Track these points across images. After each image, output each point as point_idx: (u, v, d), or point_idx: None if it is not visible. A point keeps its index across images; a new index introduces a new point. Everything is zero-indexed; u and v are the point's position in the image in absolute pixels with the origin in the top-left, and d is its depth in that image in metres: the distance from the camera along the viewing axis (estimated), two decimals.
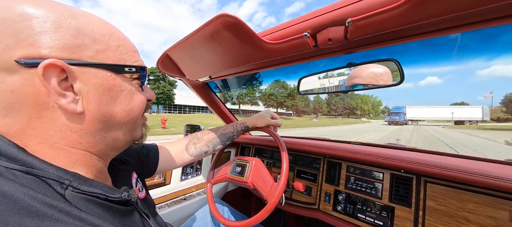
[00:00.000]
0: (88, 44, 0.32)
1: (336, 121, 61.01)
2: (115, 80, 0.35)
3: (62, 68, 0.29)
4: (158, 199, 1.03)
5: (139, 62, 0.40)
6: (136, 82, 0.39)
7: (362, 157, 0.85)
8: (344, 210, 0.89)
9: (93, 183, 0.34)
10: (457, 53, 20.24)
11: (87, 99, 0.33)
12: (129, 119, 0.39)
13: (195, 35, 0.58)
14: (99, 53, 0.33)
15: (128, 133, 0.41)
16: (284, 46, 0.55)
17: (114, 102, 0.36)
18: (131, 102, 0.38)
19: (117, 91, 0.36)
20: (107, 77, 0.34)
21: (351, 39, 0.46)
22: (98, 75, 0.33)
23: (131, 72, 0.38)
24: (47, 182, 0.29)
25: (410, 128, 30.47)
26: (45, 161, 0.31)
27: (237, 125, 0.91)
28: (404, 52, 0.54)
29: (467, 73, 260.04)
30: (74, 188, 0.30)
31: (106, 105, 0.35)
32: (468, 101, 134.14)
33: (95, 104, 0.34)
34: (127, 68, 0.37)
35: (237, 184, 0.90)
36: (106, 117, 0.35)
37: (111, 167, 0.45)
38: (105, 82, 0.34)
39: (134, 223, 0.38)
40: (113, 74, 0.35)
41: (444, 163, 0.68)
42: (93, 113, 0.34)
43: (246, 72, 0.82)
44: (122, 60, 0.37)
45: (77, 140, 0.33)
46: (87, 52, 0.32)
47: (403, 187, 0.78)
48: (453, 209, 0.67)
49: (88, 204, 0.31)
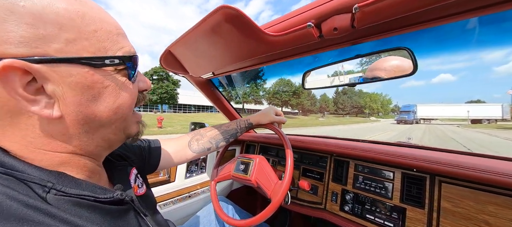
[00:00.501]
0: (54, 33, 0.25)
1: (343, 120, 59.61)
2: (94, 76, 0.29)
3: (23, 69, 0.24)
4: (163, 197, 1.03)
5: (125, 48, 0.33)
6: (123, 73, 0.33)
7: (371, 155, 0.81)
8: (351, 211, 0.85)
9: (81, 184, 0.32)
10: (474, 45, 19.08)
11: (64, 101, 0.28)
12: (118, 118, 0.34)
13: (196, 29, 0.57)
14: (70, 44, 0.27)
15: (119, 132, 0.37)
16: (288, 38, 0.53)
17: (97, 101, 0.31)
18: (117, 98, 0.33)
19: (99, 89, 0.30)
20: (84, 74, 0.28)
21: (358, 27, 0.43)
22: (72, 72, 0.27)
23: (114, 64, 0.31)
24: (28, 185, 0.27)
25: (422, 127, 29.26)
26: (27, 162, 0.28)
27: (240, 122, 0.89)
28: (415, 41, 0.50)
29: (483, 69, 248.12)
30: (58, 191, 0.28)
31: (87, 105, 0.30)
32: (484, 99, 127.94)
33: (74, 106, 0.29)
34: (108, 60, 0.30)
35: (241, 182, 0.89)
36: (90, 119, 0.31)
37: (107, 163, 0.44)
38: (82, 79, 0.28)
39: (128, 224, 0.36)
40: (91, 69, 0.29)
41: (461, 161, 0.63)
42: (74, 116, 0.29)
43: (249, 67, 0.81)
44: (102, 50, 0.30)
45: (61, 144, 0.30)
46: (53, 44, 0.25)
47: (415, 187, 0.74)
48: (471, 211, 0.62)
49: (74, 207, 0.29)
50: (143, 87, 0.40)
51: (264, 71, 1.27)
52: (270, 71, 1.21)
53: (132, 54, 0.34)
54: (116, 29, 0.33)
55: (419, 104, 50.72)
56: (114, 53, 0.32)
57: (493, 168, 0.58)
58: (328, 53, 0.69)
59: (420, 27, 0.44)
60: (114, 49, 0.32)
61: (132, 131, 0.40)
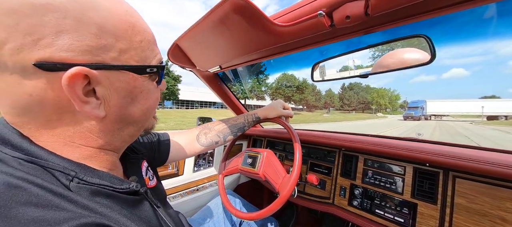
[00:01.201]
0: (111, 44, 0.29)
1: (348, 116, 58.28)
2: (136, 81, 0.33)
3: (85, 75, 0.27)
4: (171, 190, 1.05)
5: (157, 56, 0.37)
6: (154, 78, 0.37)
7: (381, 149, 0.79)
8: (360, 205, 0.84)
9: (101, 174, 0.33)
10: (490, 36, 17.93)
11: (109, 103, 0.31)
12: (146, 118, 0.38)
13: (204, 21, 0.57)
14: (122, 54, 0.30)
15: (141, 128, 0.40)
16: (297, 28, 0.51)
17: (133, 103, 0.34)
18: (148, 101, 0.37)
19: (138, 92, 0.34)
20: (129, 80, 0.32)
21: (372, 15, 0.41)
22: (121, 78, 0.31)
23: (151, 72, 0.35)
24: (52, 173, 0.28)
25: (432, 123, 28.30)
26: (52, 152, 0.30)
27: (248, 116, 0.89)
28: (428, 32, 0.47)
29: (498, 63, 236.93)
30: (80, 180, 0.30)
31: (126, 107, 0.33)
32: (499, 95, 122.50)
33: (116, 107, 0.32)
34: (148, 69, 0.34)
35: (248, 175, 0.89)
36: (125, 118, 0.34)
37: (122, 156, 0.45)
38: (127, 85, 0.32)
39: (144, 212, 0.38)
40: (135, 76, 0.32)
41: (477, 156, 0.61)
42: (114, 116, 0.33)
43: (257, 60, 0.80)
44: (145, 58, 0.34)
45: (95, 140, 0.33)
46: (110, 53, 0.29)
47: (428, 183, 0.72)
48: (487, 207, 0.60)
49: (94, 195, 0.30)
50: (163, 88, 0.44)
51: (266, 66, 1.26)
52: (273, 66, 1.19)
53: (164, 64, 0.39)
54: (153, 38, 0.36)
55: (429, 100, 48.89)
56: (151, 62, 0.35)
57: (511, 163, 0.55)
58: (337, 47, 0.68)
59: (436, 14, 0.42)
60: (151, 57, 0.35)
61: (149, 126, 0.43)
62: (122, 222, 0.30)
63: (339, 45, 0.65)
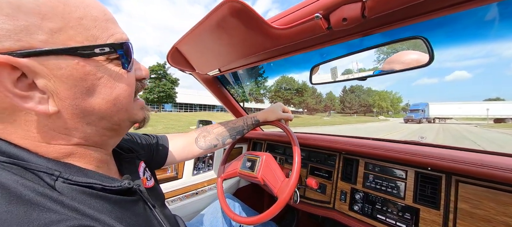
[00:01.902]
0: (36, 24, 0.24)
1: (349, 119, 57.56)
2: (85, 67, 0.28)
3: (9, 64, 0.23)
4: (170, 193, 1.04)
5: (115, 35, 0.31)
6: (116, 63, 0.31)
7: (382, 153, 0.78)
8: (361, 210, 0.83)
9: (89, 173, 0.32)
10: (492, 39, 17.67)
11: (58, 96, 0.27)
12: (118, 109, 0.33)
13: (202, 24, 0.57)
14: (55, 34, 0.25)
15: (122, 123, 0.36)
16: (295, 30, 0.51)
17: (92, 94, 0.29)
18: (114, 90, 0.31)
19: (92, 80, 0.29)
20: (74, 65, 0.27)
21: (369, 17, 0.41)
22: (61, 65, 0.26)
23: (105, 52, 0.29)
24: (36, 173, 0.27)
25: (436, 127, 27.90)
26: (33, 152, 0.28)
27: (247, 119, 0.89)
28: (428, 36, 0.47)
29: (501, 66, 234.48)
30: (66, 179, 0.28)
31: (83, 99, 0.29)
32: (503, 97, 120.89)
33: (70, 99, 0.28)
34: (98, 49, 0.28)
35: (247, 179, 0.88)
36: (88, 112, 0.30)
37: (116, 155, 0.45)
38: (73, 72, 0.27)
39: (137, 213, 0.36)
40: (81, 61, 0.27)
41: (481, 159, 0.59)
42: (71, 110, 0.28)
43: (255, 63, 0.80)
44: (91, 38, 0.28)
45: (65, 138, 0.30)
46: (37, 35, 0.24)
47: (430, 187, 0.70)
48: (491, 213, 0.58)
49: (82, 195, 0.29)
50: (141, 75, 0.38)
51: (264, 69, 1.26)
52: (273, 69, 1.19)
53: (124, 40, 0.32)
54: (104, 15, 0.30)
55: (431, 103, 48.28)
56: (104, 41, 0.29)
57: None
58: (337, 50, 0.67)
59: (433, 15, 0.41)
60: (104, 37, 0.29)
61: (138, 117, 0.39)
62: (111, 224, 0.29)
63: (339, 48, 0.65)
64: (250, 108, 45.50)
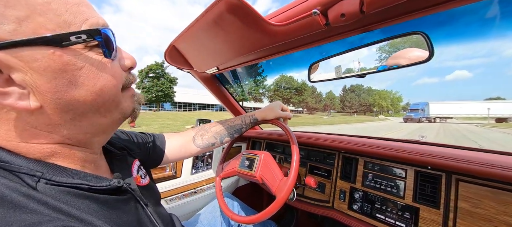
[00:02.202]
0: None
1: (349, 118, 57.18)
2: (62, 57, 0.26)
3: None
4: (169, 192, 1.04)
5: (90, 20, 0.28)
6: (96, 51, 0.29)
7: (382, 152, 0.77)
8: (360, 209, 0.82)
9: (74, 173, 0.31)
10: (493, 38, 17.51)
11: (38, 90, 0.25)
12: (104, 100, 0.31)
13: (199, 22, 0.56)
14: (23, 23, 0.23)
15: (109, 115, 0.34)
16: (292, 27, 0.50)
17: (75, 85, 0.28)
18: (97, 80, 0.30)
19: (73, 71, 0.27)
20: (50, 56, 0.25)
21: (367, 12, 0.40)
22: (36, 56, 0.24)
23: (80, 41, 0.27)
24: (17, 175, 0.26)
25: (435, 126, 27.80)
26: (14, 152, 0.27)
27: (245, 118, 0.88)
28: (429, 29, 0.46)
29: (502, 65, 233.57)
30: (48, 180, 0.27)
31: (65, 91, 0.27)
32: (504, 96, 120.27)
33: (51, 93, 0.26)
34: (73, 37, 0.26)
35: (245, 178, 0.88)
36: (72, 105, 0.28)
37: (108, 153, 0.44)
38: (50, 63, 0.25)
39: (127, 212, 0.35)
40: (57, 50, 0.25)
41: (481, 158, 0.59)
42: (54, 104, 0.27)
43: (253, 61, 0.79)
44: (63, 25, 0.26)
45: (48, 135, 0.29)
46: (3, 25, 0.22)
47: (430, 186, 0.69)
48: (492, 212, 0.58)
49: (67, 196, 0.28)
50: (128, 64, 0.36)
51: (263, 67, 1.25)
52: (272, 67, 1.19)
53: (101, 26, 0.30)
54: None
55: (432, 102, 48.06)
56: (78, 28, 0.27)
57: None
58: (335, 48, 0.66)
59: (432, 10, 0.40)
60: (78, 22, 0.27)
61: (126, 109, 0.37)
62: (98, 224, 0.28)
63: (338, 46, 0.64)
64: (249, 107, 45.63)
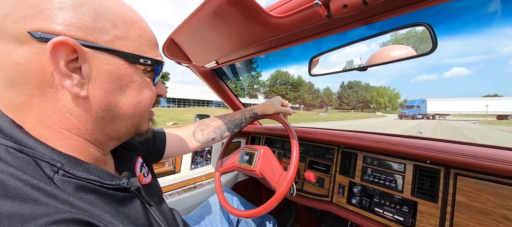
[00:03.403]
0: (107, 28, 0.31)
1: (346, 115, 56.89)
2: (127, 69, 0.33)
3: (73, 48, 0.27)
4: (168, 187, 1.04)
5: (158, 57, 0.38)
6: (149, 75, 0.38)
7: (381, 146, 0.77)
8: (359, 204, 0.83)
9: (90, 168, 0.33)
10: (492, 35, 17.32)
11: (93, 85, 0.31)
12: (135, 113, 0.37)
13: (197, 14, 0.55)
14: (117, 40, 0.32)
15: (131, 127, 0.39)
16: (294, 19, 0.50)
17: (122, 92, 0.34)
18: (140, 95, 0.36)
19: (127, 82, 0.34)
20: (120, 65, 0.32)
21: (370, 3, 0.39)
22: (110, 62, 0.31)
23: (146, 64, 0.36)
24: (38, 163, 0.28)
25: (433, 123, 27.90)
26: (40, 140, 0.29)
27: (245, 112, 0.87)
28: (433, 18, 0.45)
29: (500, 63, 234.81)
30: (66, 172, 0.29)
31: (113, 94, 0.33)
32: (501, 93, 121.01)
33: (102, 90, 0.32)
34: (142, 60, 0.35)
35: (245, 173, 0.88)
36: (111, 107, 0.34)
37: (114, 152, 0.44)
38: (116, 69, 0.32)
39: (133, 210, 0.36)
40: (126, 63, 0.33)
41: (480, 152, 0.59)
42: (98, 100, 0.32)
43: (254, 54, 0.78)
44: (140, 51, 0.35)
45: (75, 125, 0.32)
46: (104, 36, 0.30)
47: (428, 180, 0.70)
48: (490, 205, 0.58)
49: (79, 190, 0.29)
50: (160, 92, 0.44)
51: (258, 63, 1.24)
52: (267, 62, 1.18)
53: (161, 61, 0.39)
54: (155, 41, 0.39)
55: (429, 99, 48.21)
56: (148, 56, 0.36)
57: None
58: (335, 42, 0.65)
59: (437, 1, 0.40)
60: (150, 54, 0.36)
61: (143, 128, 0.42)
62: (106, 219, 0.29)
63: (339, 41, 0.64)
64: (244, 103, 45.36)
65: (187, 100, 48.82)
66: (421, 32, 0.46)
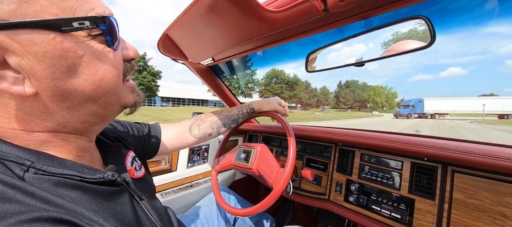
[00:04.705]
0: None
1: (342, 114, 56.65)
2: (63, 43, 0.25)
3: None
4: (164, 186, 1.02)
5: (96, 9, 0.28)
6: (100, 39, 0.29)
7: (379, 143, 0.77)
8: (356, 201, 0.82)
9: (66, 163, 0.30)
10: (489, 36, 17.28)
11: (35, 76, 0.24)
12: (105, 92, 0.31)
13: (192, 8, 0.54)
14: (24, 4, 0.22)
15: (109, 106, 0.33)
16: (290, 13, 0.49)
17: (74, 73, 0.27)
18: (98, 70, 0.29)
19: (73, 58, 0.26)
20: (50, 41, 0.24)
21: None
22: (35, 40, 0.23)
23: (83, 28, 0.26)
24: (4, 163, 0.25)
25: (429, 122, 28.08)
26: (4, 139, 0.26)
27: (242, 108, 0.87)
28: (432, 12, 0.45)
29: (495, 63, 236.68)
30: (38, 170, 0.26)
31: (63, 79, 0.26)
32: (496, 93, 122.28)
33: (48, 80, 0.25)
34: (76, 23, 0.25)
35: (242, 171, 0.87)
36: (70, 94, 0.28)
37: (101, 145, 0.42)
38: (49, 48, 0.24)
39: (121, 205, 0.34)
40: (58, 36, 0.25)
41: (477, 148, 0.59)
42: (50, 92, 0.26)
43: (250, 50, 0.77)
44: (67, 10, 0.25)
45: (41, 123, 0.28)
46: (2, 4, 0.22)
47: (425, 178, 0.70)
48: (486, 202, 0.58)
49: (56, 186, 0.27)
50: (129, 55, 0.36)
51: (252, 61, 1.23)
52: (262, 60, 1.17)
53: (107, 15, 0.29)
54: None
55: (427, 98, 48.49)
56: (83, 15, 0.27)
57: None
58: (332, 38, 0.64)
59: None
60: (84, 10, 0.27)
61: (128, 101, 0.37)
62: (88, 216, 0.27)
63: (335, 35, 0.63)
64: (241, 102, 45.02)
65: (182, 100, 48.49)
66: (423, 31, 0.46)
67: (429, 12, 0.46)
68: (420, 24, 0.48)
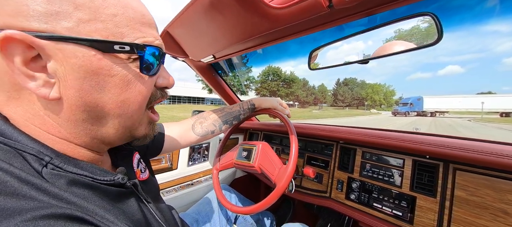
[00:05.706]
0: (68, 11, 0.25)
1: (340, 112, 56.69)
2: (101, 61, 0.27)
3: (26, 42, 0.23)
4: (165, 184, 1.02)
5: (146, 38, 0.30)
6: (135, 65, 0.30)
7: (380, 141, 0.77)
8: (358, 199, 0.83)
9: (80, 164, 0.30)
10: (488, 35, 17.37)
11: (65, 83, 0.26)
12: (122, 113, 0.31)
13: (194, 4, 0.53)
14: (82, 24, 0.25)
15: (122, 129, 0.33)
16: (294, 10, 0.48)
17: (102, 89, 0.28)
18: (125, 91, 0.30)
19: (105, 76, 0.28)
20: (90, 57, 0.26)
21: None
22: (77, 54, 0.26)
23: (124, 51, 0.28)
24: (24, 157, 0.25)
25: (428, 121, 28.10)
26: (25, 133, 0.27)
27: (243, 104, 0.87)
28: (432, 9, 0.44)
29: (493, 61, 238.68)
30: (55, 166, 0.27)
31: (89, 92, 0.28)
32: (494, 91, 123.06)
33: (75, 90, 0.27)
34: (117, 46, 0.27)
35: (243, 169, 0.87)
36: (91, 107, 0.29)
37: (112, 148, 0.42)
38: (86, 63, 0.26)
39: (129, 206, 0.34)
40: (98, 54, 0.27)
41: (479, 146, 0.59)
42: (74, 101, 0.27)
43: (252, 48, 0.76)
44: (117, 35, 0.28)
45: (56, 128, 0.29)
46: (64, 22, 0.24)
47: (427, 175, 0.70)
48: (488, 200, 0.58)
49: (69, 184, 0.27)
50: (163, 83, 0.37)
51: (248, 59, 1.22)
52: (259, 57, 1.16)
53: (150, 44, 0.31)
54: (142, 17, 0.31)
55: (426, 96, 48.60)
56: (130, 41, 0.29)
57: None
58: (334, 35, 0.64)
59: None
60: (131, 37, 0.29)
61: (139, 132, 0.37)
62: (100, 214, 0.27)
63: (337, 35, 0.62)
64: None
65: (179, 97, 48.27)
66: (425, 29, 0.45)
67: (429, 11, 0.45)
68: (423, 21, 0.48)
